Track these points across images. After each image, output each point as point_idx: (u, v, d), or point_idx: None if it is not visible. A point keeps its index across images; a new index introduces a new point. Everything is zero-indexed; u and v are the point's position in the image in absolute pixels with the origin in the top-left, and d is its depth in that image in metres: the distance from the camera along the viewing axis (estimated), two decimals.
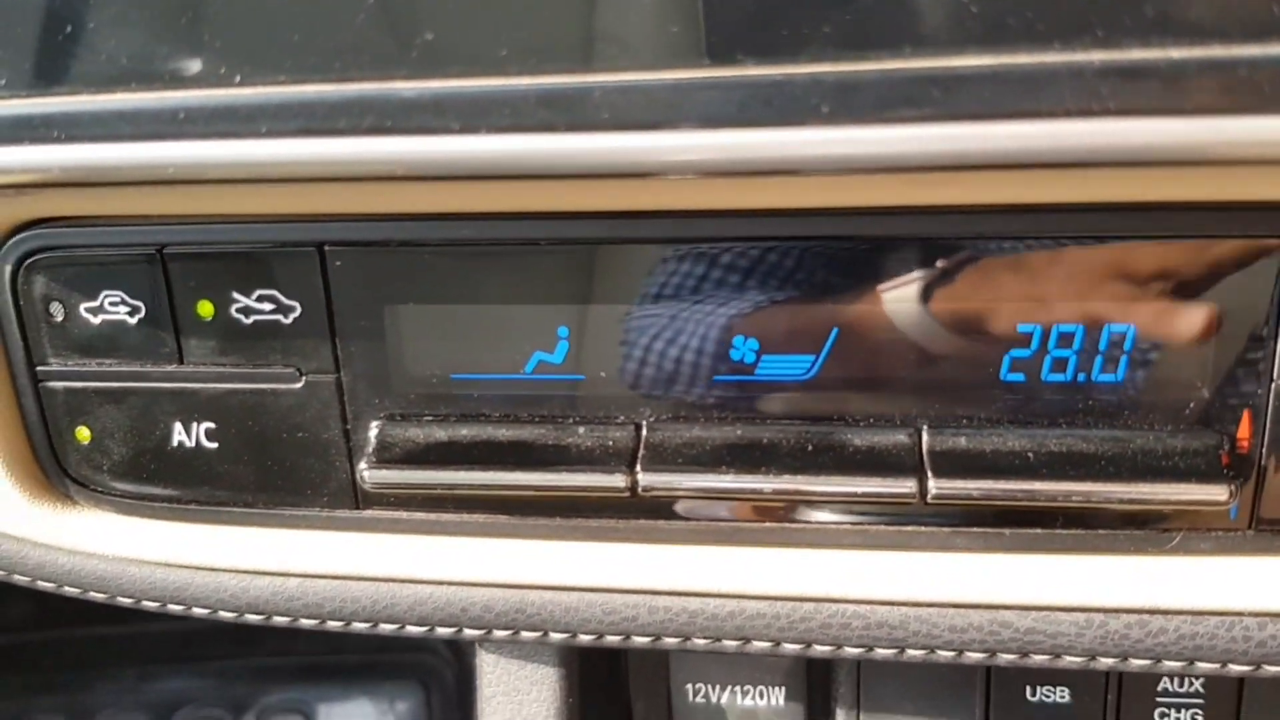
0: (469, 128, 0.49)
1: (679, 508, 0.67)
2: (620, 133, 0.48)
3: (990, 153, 0.46)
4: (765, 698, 0.94)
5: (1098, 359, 0.61)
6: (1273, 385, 0.59)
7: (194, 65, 0.52)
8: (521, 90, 0.49)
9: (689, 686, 0.95)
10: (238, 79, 0.52)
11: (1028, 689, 0.90)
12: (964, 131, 0.45)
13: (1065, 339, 0.61)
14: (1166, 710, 0.89)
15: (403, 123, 0.50)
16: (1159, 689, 0.88)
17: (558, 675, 0.86)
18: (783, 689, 0.94)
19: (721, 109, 0.47)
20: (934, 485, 0.60)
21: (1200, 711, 0.88)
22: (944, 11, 0.46)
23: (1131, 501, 0.59)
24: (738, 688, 0.94)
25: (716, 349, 0.64)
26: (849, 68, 0.46)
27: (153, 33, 0.52)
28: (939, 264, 0.60)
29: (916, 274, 0.60)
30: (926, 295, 0.61)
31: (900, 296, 0.61)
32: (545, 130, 0.49)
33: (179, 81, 0.52)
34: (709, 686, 0.95)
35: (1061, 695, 0.89)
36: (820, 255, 0.61)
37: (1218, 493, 0.58)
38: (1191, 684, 0.88)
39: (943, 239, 0.59)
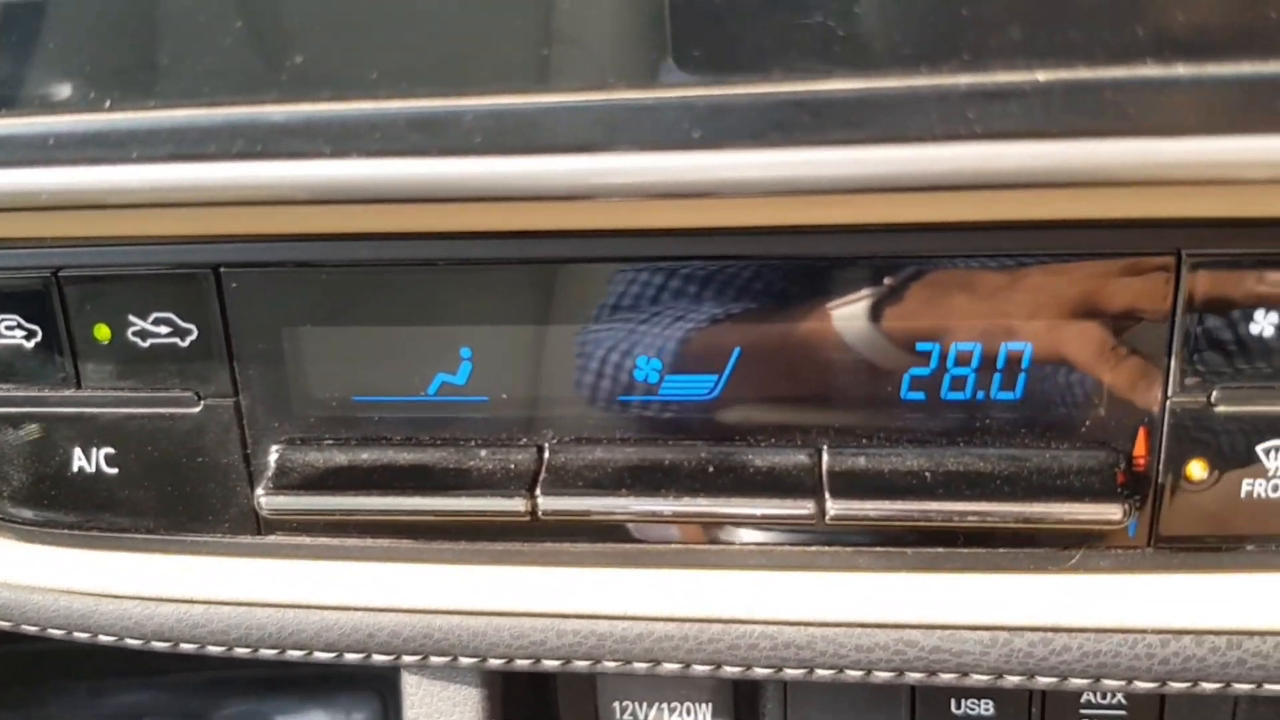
0: (340, 151, 0.49)
1: (583, 531, 0.66)
2: (490, 156, 0.47)
3: (860, 177, 0.46)
4: (693, 715, 0.94)
5: (996, 377, 0.61)
6: (1168, 403, 0.59)
7: (63, 90, 0.51)
8: (392, 114, 0.48)
9: (616, 705, 0.95)
10: (107, 104, 0.51)
11: (952, 702, 0.90)
12: (832, 156, 0.45)
13: (964, 357, 0.61)
14: None
15: (273, 147, 0.49)
16: (1082, 700, 0.89)
17: (481, 696, 0.86)
18: (709, 705, 0.94)
19: (587, 134, 0.47)
20: (832, 506, 0.60)
21: None
22: (814, 37, 0.46)
23: (1027, 520, 0.60)
24: (665, 705, 0.94)
25: (620, 369, 0.63)
26: (718, 92, 0.46)
27: (19, 57, 0.51)
28: (837, 284, 0.60)
29: (816, 294, 0.60)
30: (826, 315, 0.61)
31: (800, 316, 0.61)
32: (415, 154, 0.48)
33: (48, 107, 0.51)
34: (636, 704, 0.95)
35: (986, 708, 0.90)
36: (721, 276, 0.61)
37: (1113, 512, 0.59)
38: (1114, 697, 0.88)
39: (839, 259, 0.59)
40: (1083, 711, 0.89)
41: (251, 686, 1.36)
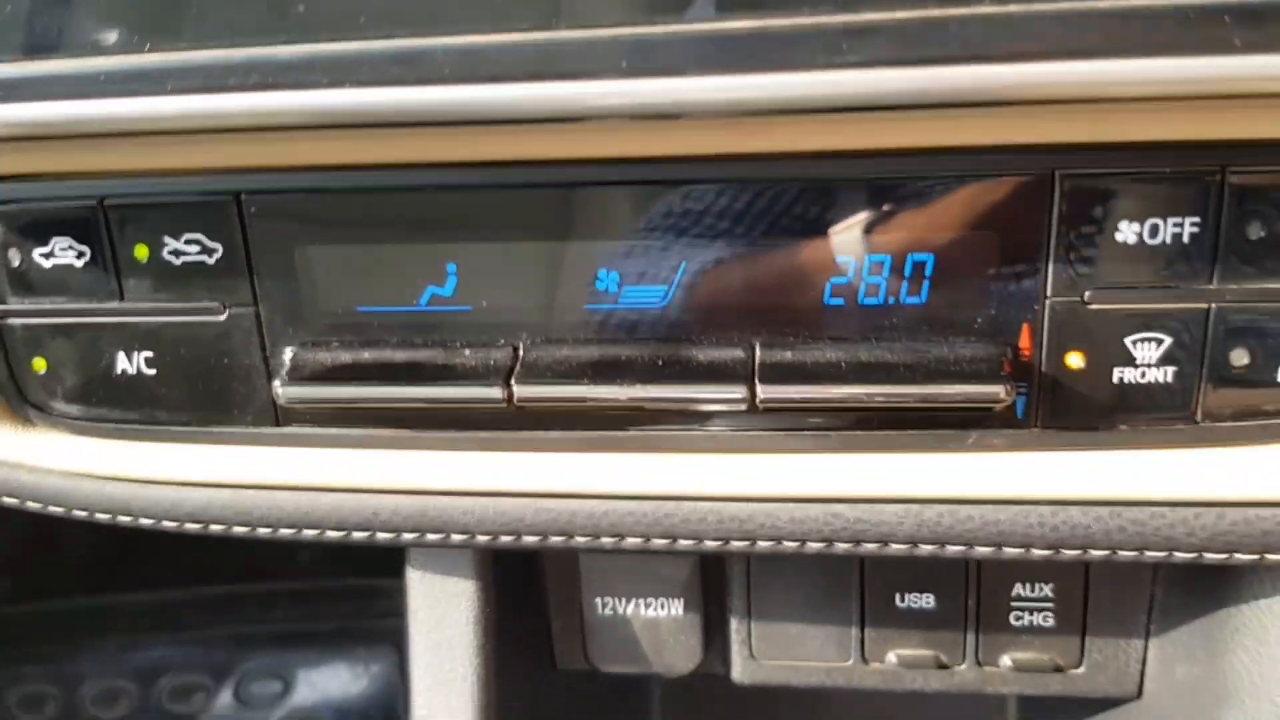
0: (335, 83, 0.59)
1: (554, 418, 0.74)
2: (454, 85, 0.57)
3: (760, 99, 0.56)
4: (666, 608, 1.02)
5: (904, 284, 0.69)
6: (1047, 302, 0.67)
7: (111, 37, 0.61)
8: (377, 51, 0.58)
9: (598, 601, 1.03)
10: (147, 47, 0.61)
11: (897, 595, 0.99)
12: (734, 82, 0.55)
13: (876, 267, 0.69)
14: (1021, 613, 0.98)
15: (280, 79, 0.59)
16: (1013, 593, 0.98)
17: (475, 589, 0.95)
18: (681, 600, 1.02)
19: (539, 66, 0.56)
20: (762, 391, 0.68)
21: (1051, 613, 0.98)
22: None
23: (926, 400, 0.67)
24: (641, 600, 1.03)
25: (584, 282, 0.71)
26: (646, 30, 0.56)
27: (76, 10, 0.61)
28: (766, 206, 0.68)
29: (748, 215, 0.68)
30: (758, 233, 0.68)
31: (736, 235, 0.69)
32: (396, 84, 0.58)
33: (99, 50, 0.61)
34: (616, 600, 1.03)
35: (927, 601, 0.98)
36: (670, 199, 0.68)
37: (997, 391, 0.66)
38: (1041, 588, 0.97)
39: (766, 183, 0.67)
40: (1013, 603, 0.99)
41: (275, 641, 1.44)
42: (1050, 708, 1.09)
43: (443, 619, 0.96)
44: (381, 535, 0.81)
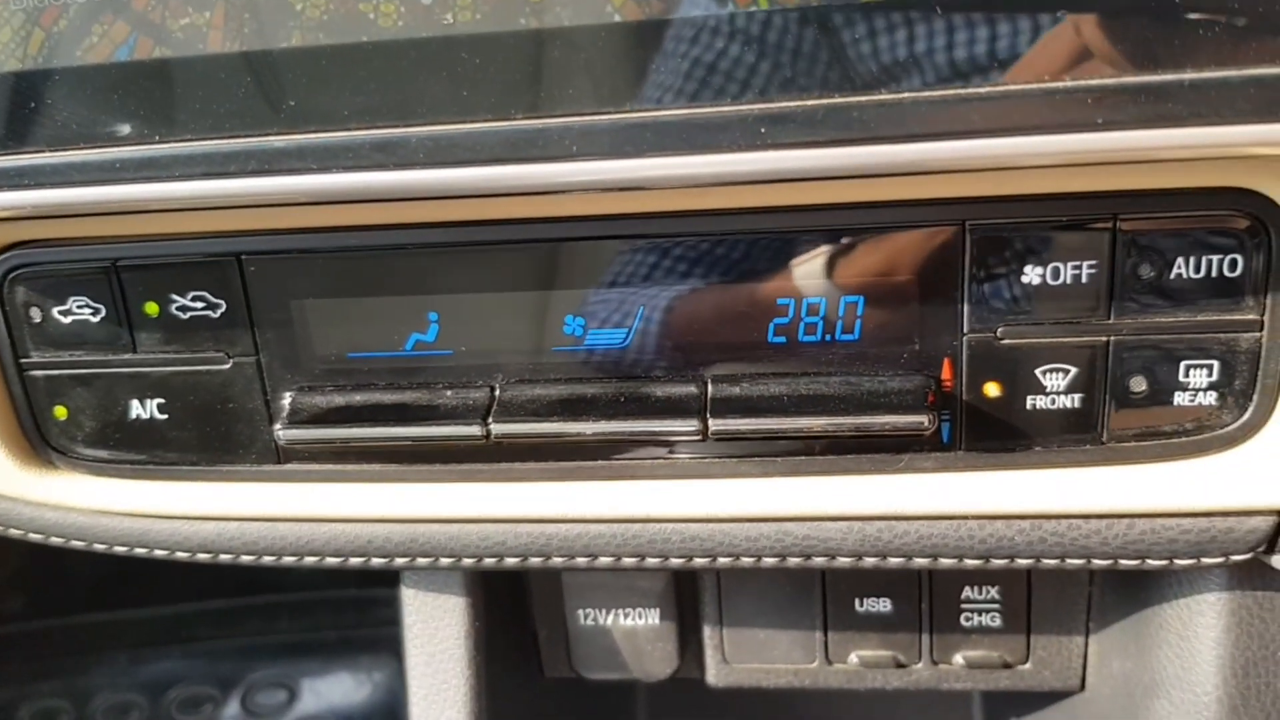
0: (324, 168, 0.66)
1: (529, 451, 0.81)
2: (428, 169, 0.65)
3: (690, 176, 0.64)
4: (644, 618, 1.09)
5: (839, 323, 0.76)
6: (964, 338, 0.74)
7: (125, 128, 0.68)
8: (360, 140, 0.66)
9: (580, 612, 1.10)
10: (157, 138, 0.68)
11: (856, 601, 1.06)
12: (669, 162, 0.63)
13: (813, 308, 0.76)
14: (970, 614, 1.06)
15: (276, 165, 0.67)
16: (963, 597, 1.05)
17: (465, 604, 1.01)
18: (657, 610, 1.09)
19: (501, 151, 0.64)
20: (713, 424, 0.75)
21: (999, 614, 1.05)
22: (659, 78, 0.63)
23: (860, 430, 0.74)
24: (620, 611, 1.10)
25: (552, 326, 0.78)
26: (591, 119, 0.64)
27: (95, 106, 0.68)
28: (715, 256, 0.75)
29: (698, 264, 0.75)
30: (706, 280, 0.76)
31: (687, 282, 0.76)
32: (377, 168, 0.66)
33: (115, 140, 0.68)
34: (597, 611, 1.10)
35: (884, 605, 1.06)
36: (628, 251, 0.76)
37: (921, 421, 0.73)
38: (988, 591, 1.05)
39: (714, 236, 0.74)
40: (963, 606, 1.06)
41: (279, 651, 1.47)
42: (1010, 701, 1.16)
43: (435, 633, 1.02)
44: (376, 560, 0.88)
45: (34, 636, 1.47)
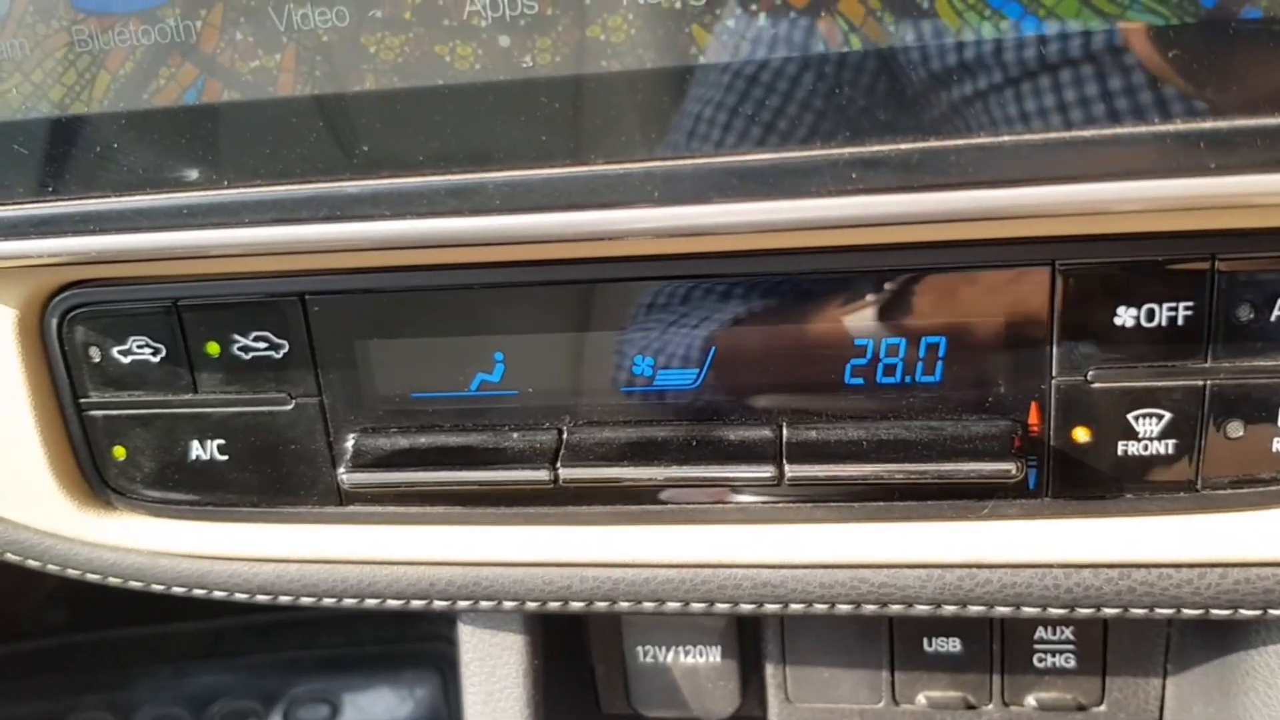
0: (398, 214, 0.65)
1: (596, 495, 0.79)
2: (505, 215, 0.63)
3: (778, 222, 0.62)
4: (705, 656, 1.07)
5: (919, 364, 0.73)
6: (1053, 382, 0.72)
7: (193, 173, 0.67)
8: (435, 185, 0.64)
9: (640, 649, 1.08)
10: (225, 183, 0.66)
11: (925, 640, 1.03)
12: (753, 208, 0.61)
13: (893, 349, 0.74)
14: (1044, 655, 1.03)
15: (349, 211, 0.65)
16: (1036, 637, 1.02)
17: (524, 642, 1.00)
18: (719, 648, 1.07)
19: (571, 197, 0.63)
20: (789, 470, 0.73)
21: (1073, 655, 1.02)
22: (745, 121, 0.61)
23: (942, 477, 0.72)
24: (680, 648, 1.08)
25: (622, 367, 0.76)
26: (674, 164, 0.62)
27: (161, 150, 0.66)
28: (792, 295, 0.73)
29: (775, 304, 0.73)
30: (783, 320, 0.74)
31: (763, 322, 0.74)
32: (452, 214, 0.64)
33: (182, 185, 0.67)
34: (657, 648, 1.08)
35: (954, 645, 1.03)
36: (699, 291, 0.74)
37: (1008, 468, 0.71)
38: (1063, 632, 1.02)
39: (793, 276, 0.72)
40: (1036, 646, 1.03)
41: (321, 666, 1.45)
42: None
43: (493, 672, 1.01)
44: (438, 603, 0.86)
45: (77, 649, 1.48)
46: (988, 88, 0.59)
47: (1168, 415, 0.72)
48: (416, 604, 0.86)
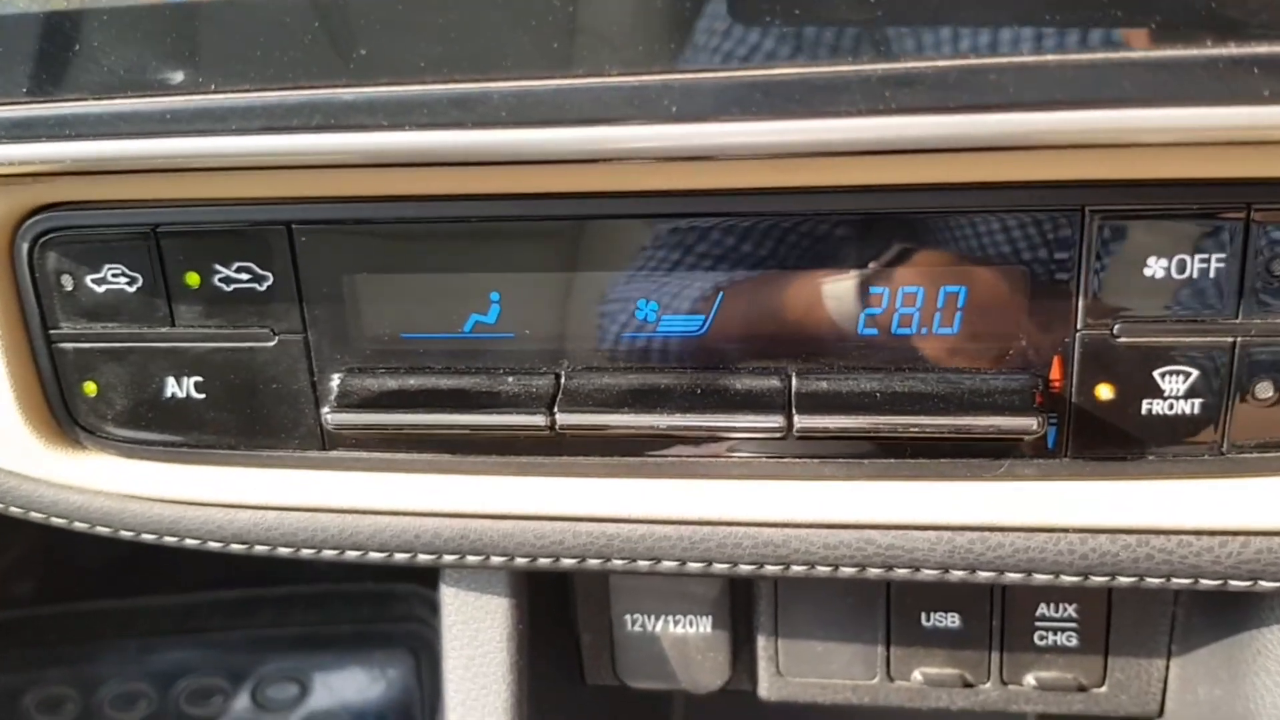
0: (395, 125, 0.61)
1: (594, 445, 0.76)
2: (513, 129, 0.59)
3: (804, 143, 0.58)
4: (695, 626, 1.04)
5: (936, 315, 0.70)
6: (1077, 335, 0.69)
7: (177, 76, 0.62)
8: (437, 94, 0.60)
9: (628, 617, 1.05)
10: (212, 87, 0.62)
11: (922, 614, 1.00)
12: (783, 127, 0.57)
13: (909, 298, 0.70)
14: (1045, 633, 1.00)
15: (343, 120, 0.61)
16: (1037, 614, 0.99)
17: (509, 605, 0.97)
18: (710, 618, 1.04)
19: (588, 110, 0.59)
20: (798, 420, 0.70)
21: (1075, 633, 1.00)
22: (771, 34, 0.58)
23: (959, 431, 0.69)
24: (670, 617, 1.05)
25: (624, 310, 0.73)
26: (695, 76, 0.58)
27: (145, 49, 0.62)
28: (805, 237, 0.70)
29: (787, 246, 0.70)
30: (795, 264, 0.70)
31: (774, 265, 0.71)
32: (455, 127, 0.60)
33: (165, 89, 0.62)
34: (645, 617, 1.05)
35: (952, 620, 1.00)
36: (707, 231, 0.70)
37: (1030, 423, 0.68)
38: (1065, 609, 0.99)
39: (806, 216, 0.69)
40: (1037, 623, 1.00)
41: (291, 644, 1.44)
42: None
43: (476, 635, 0.98)
44: (423, 557, 0.82)
45: (41, 622, 1.45)
46: (1033, 5, 0.55)
47: (1195, 373, 0.69)
48: (400, 557, 0.83)
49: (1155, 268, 0.67)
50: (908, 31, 0.56)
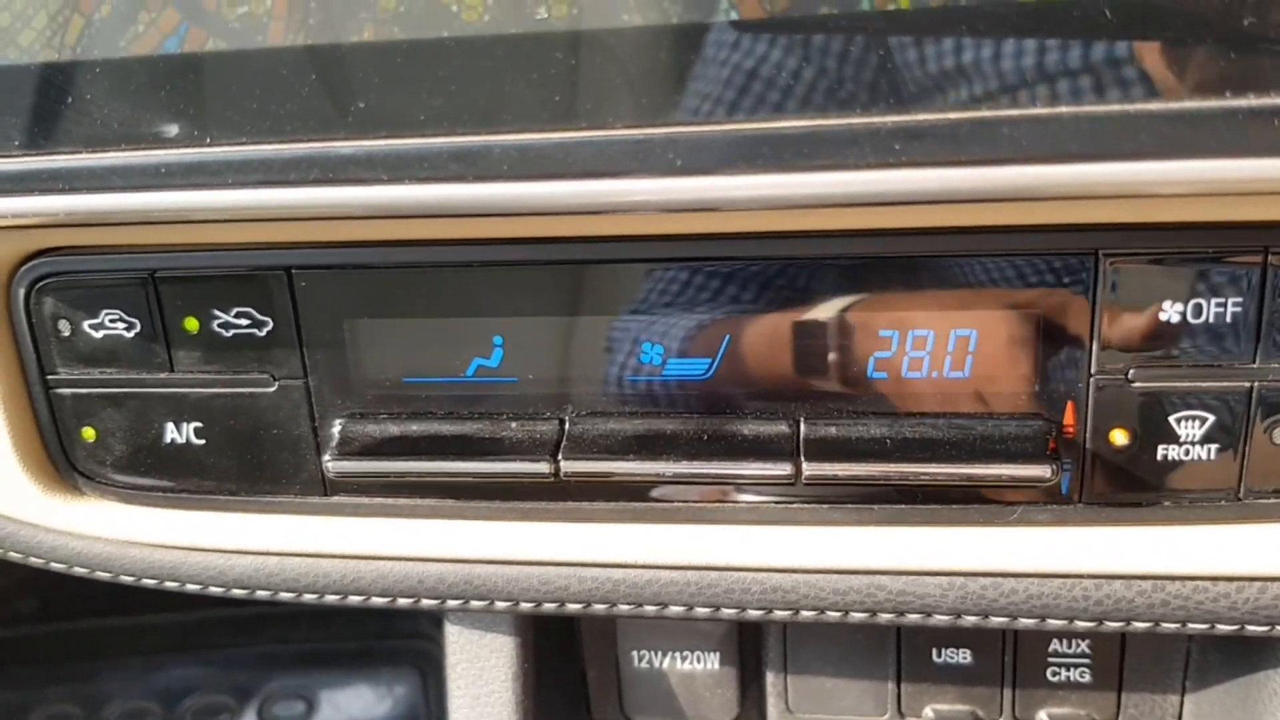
0: (395, 179, 0.59)
1: (599, 491, 0.74)
2: (513, 182, 0.58)
3: (812, 196, 0.57)
4: (702, 662, 1.03)
5: (947, 359, 0.69)
6: (1091, 380, 0.68)
7: (173, 129, 0.61)
8: (436, 147, 0.59)
9: (634, 653, 1.04)
10: (208, 140, 0.61)
11: (933, 651, 0.99)
12: (786, 180, 0.56)
13: (920, 341, 0.69)
14: (1058, 669, 0.98)
15: (341, 174, 0.60)
16: (1050, 650, 0.98)
17: (514, 644, 0.95)
18: (718, 654, 1.02)
19: (589, 163, 0.57)
20: (807, 468, 0.69)
21: (1088, 669, 0.98)
22: (776, 85, 0.56)
23: (971, 480, 0.68)
24: (677, 654, 1.03)
25: (629, 354, 0.72)
26: (700, 129, 0.57)
27: (140, 102, 0.61)
28: (813, 280, 0.69)
29: (794, 290, 0.69)
30: (803, 307, 0.69)
31: (781, 309, 0.69)
32: (455, 180, 0.59)
33: (161, 142, 0.61)
34: (652, 653, 1.04)
35: (964, 656, 0.99)
36: (713, 275, 0.69)
37: (1044, 472, 0.67)
38: (1078, 645, 0.97)
39: (815, 260, 0.68)
40: (1050, 660, 0.99)
41: (297, 661, 1.41)
42: None
43: (481, 674, 0.96)
44: (426, 602, 0.81)
45: (46, 640, 1.43)
46: (1046, 56, 0.54)
47: (1211, 418, 0.68)
48: (403, 602, 0.81)
49: (1171, 312, 0.66)
50: (917, 83, 0.55)
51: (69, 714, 1.40)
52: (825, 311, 0.69)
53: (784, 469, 0.69)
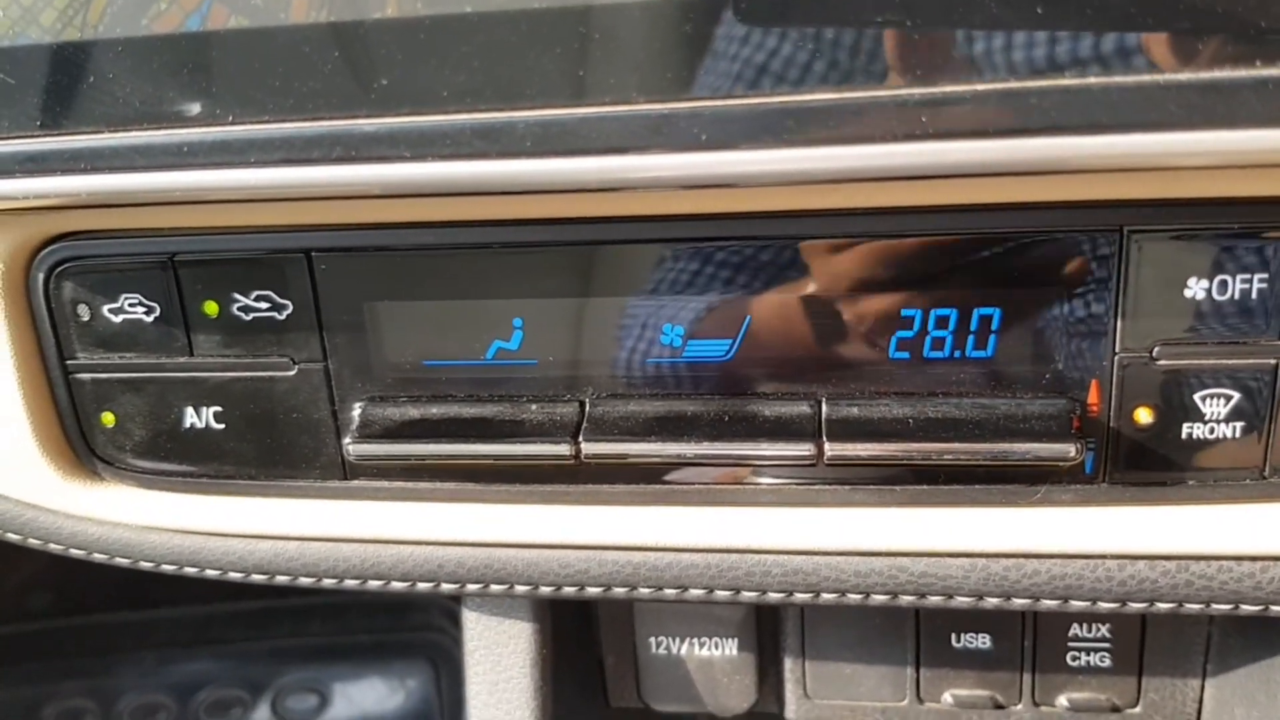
0: (418, 156, 0.59)
1: (619, 473, 0.74)
2: (537, 158, 0.58)
3: (836, 170, 0.56)
4: (720, 648, 1.03)
5: (970, 338, 0.69)
6: (1116, 358, 0.67)
7: (195, 108, 0.61)
8: (459, 124, 0.59)
9: (652, 640, 1.04)
10: (230, 118, 0.61)
11: (953, 636, 0.99)
12: (816, 154, 0.55)
13: (942, 321, 0.69)
14: (1078, 654, 0.98)
15: (364, 152, 0.60)
16: (1070, 634, 0.98)
17: (532, 630, 0.95)
18: (735, 640, 1.02)
19: (614, 139, 0.57)
20: (829, 448, 0.68)
21: (1108, 654, 0.98)
22: (800, 57, 0.56)
23: (995, 459, 0.67)
24: (695, 640, 1.03)
25: (649, 335, 0.72)
26: (725, 104, 0.56)
27: (161, 80, 0.61)
28: (835, 259, 0.68)
29: (815, 269, 0.68)
30: (825, 287, 0.69)
31: (802, 288, 0.69)
32: (479, 157, 0.58)
33: (182, 120, 0.61)
34: (670, 639, 1.04)
35: (983, 641, 0.98)
36: (733, 255, 0.69)
37: (1068, 450, 0.66)
38: (1098, 629, 0.97)
39: (838, 238, 0.68)
40: (1070, 644, 0.98)
41: (310, 655, 1.42)
42: None
43: (499, 660, 0.96)
44: (446, 586, 0.81)
45: (60, 634, 1.44)
46: (1074, 26, 0.53)
47: (1236, 396, 0.67)
48: (423, 586, 0.81)
49: (1196, 289, 0.65)
50: (944, 54, 0.54)
51: (83, 708, 1.42)
52: (846, 291, 0.69)
53: (806, 450, 0.69)
